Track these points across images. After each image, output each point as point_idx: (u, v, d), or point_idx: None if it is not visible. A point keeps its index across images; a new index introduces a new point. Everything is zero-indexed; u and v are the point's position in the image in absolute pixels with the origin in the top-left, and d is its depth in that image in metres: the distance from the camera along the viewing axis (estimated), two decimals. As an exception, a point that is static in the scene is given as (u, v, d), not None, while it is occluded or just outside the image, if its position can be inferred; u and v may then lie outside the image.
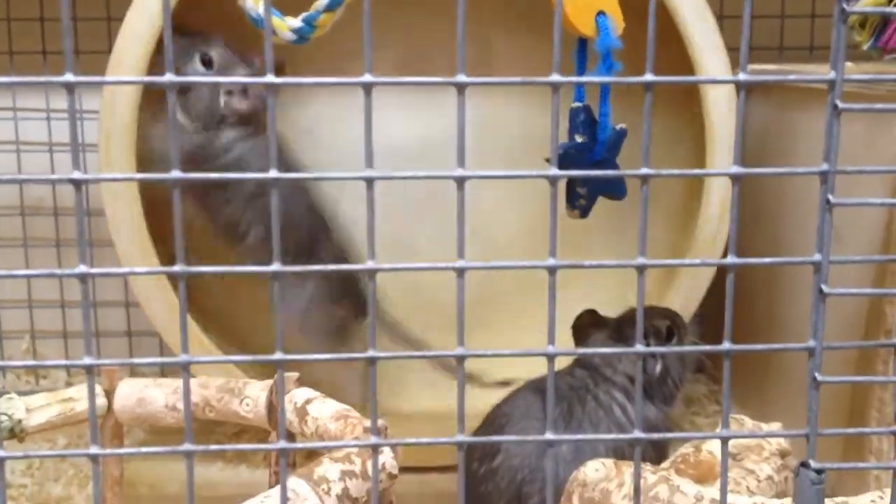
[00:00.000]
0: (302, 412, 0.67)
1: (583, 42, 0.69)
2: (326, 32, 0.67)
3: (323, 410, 0.65)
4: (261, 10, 0.66)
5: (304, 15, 0.66)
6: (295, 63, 0.87)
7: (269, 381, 0.71)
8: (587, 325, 0.81)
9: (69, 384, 1.12)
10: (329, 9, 0.66)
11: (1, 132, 1.12)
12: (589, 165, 0.70)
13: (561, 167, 0.62)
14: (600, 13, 0.67)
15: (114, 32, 0.88)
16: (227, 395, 0.70)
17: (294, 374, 0.70)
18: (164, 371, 1.10)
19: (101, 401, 0.71)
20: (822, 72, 0.88)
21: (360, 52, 0.37)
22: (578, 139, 0.66)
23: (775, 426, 0.68)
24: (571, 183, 0.68)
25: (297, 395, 0.68)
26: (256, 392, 0.70)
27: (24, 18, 1.10)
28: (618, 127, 0.66)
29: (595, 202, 0.68)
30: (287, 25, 0.66)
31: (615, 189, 0.67)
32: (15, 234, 1.14)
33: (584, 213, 0.68)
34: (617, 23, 0.67)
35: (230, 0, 0.70)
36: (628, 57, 0.71)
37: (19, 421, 0.67)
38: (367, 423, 0.61)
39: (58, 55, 1.11)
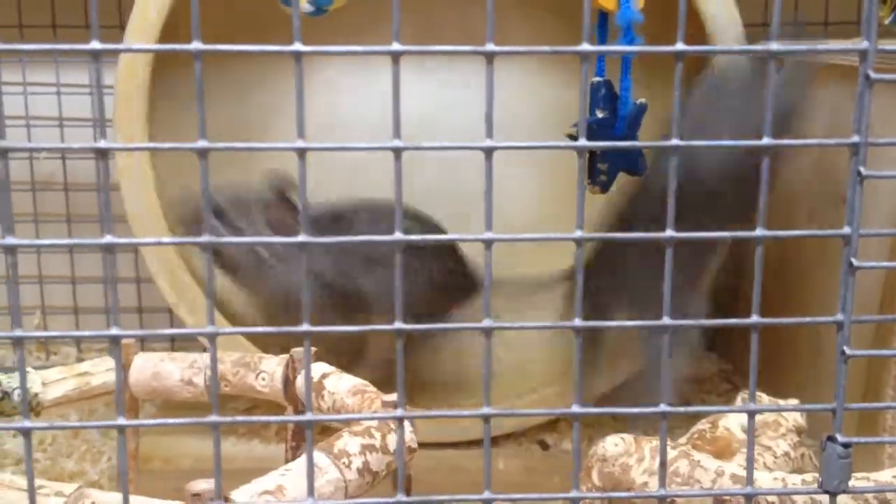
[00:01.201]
0: (319, 387, 0.67)
1: (603, 16, 0.68)
2: (343, 5, 0.66)
3: (340, 385, 0.65)
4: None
5: (321, -12, 0.66)
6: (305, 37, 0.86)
7: (285, 356, 0.71)
8: None
9: (80, 360, 1.12)
10: (345, -17, 0.65)
11: (12, 107, 1.11)
12: (610, 140, 0.70)
13: (591, 135, 0.62)
14: (621, -14, 0.67)
15: (125, 9, 0.88)
16: (243, 370, 0.70)
17: (311, 349, 0.70)
18: (175, 347, 1.10)
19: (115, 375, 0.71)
20: (839, 46, 0.87)
21: (370, 28, 0.37)
22: (599, 114, 0.66)
23: (793, 402, 0.68)
24: (592, 158, 0.68)
25: (314, 370, 0.68)
26: (272, 366, 0.70)
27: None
28: (638, 101, 0.66)
29: (615, 177, 0.68)
30: (305, -2, 0.66)
31: (634, 164, 0.67)
32: (26, 210, 1.14)
33: (605, 188, 0.68)
34: (637, -1, 0.67)
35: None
36: (646, 31, 0.71)
37: (35, 395, 0.67)
38: (385, 397, 0.61)
39: (68, 28, 1.10)
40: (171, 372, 0.71)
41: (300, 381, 0.69)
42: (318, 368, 0.68)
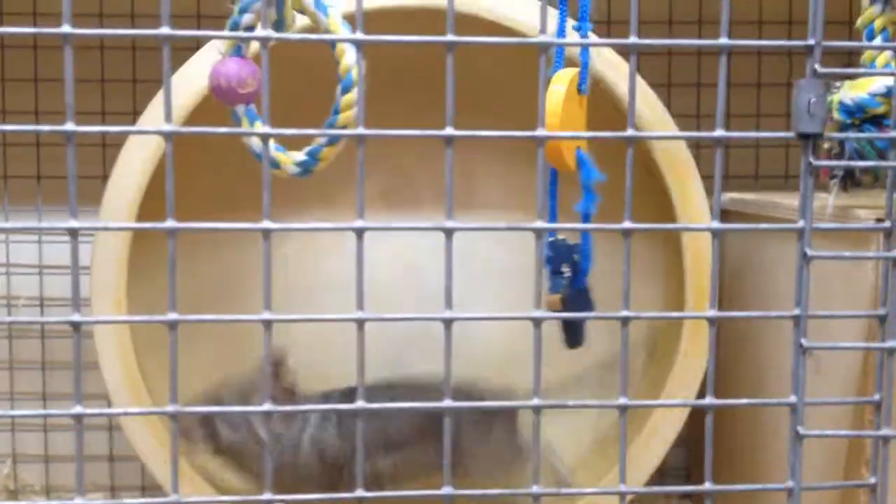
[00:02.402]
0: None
1: (553, 173, 0.72)
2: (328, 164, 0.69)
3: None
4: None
5: (307, 149, 0.69)
6: (286, 187, 0.89)
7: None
8: None
9: (48, 509, 1.11)
10: (332, 142, 0.68)
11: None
12: (574, 293, 0.72)
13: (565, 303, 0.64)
14: (579, 148, 0.70)
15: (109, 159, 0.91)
16: (212, 526, 0.70)
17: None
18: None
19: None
20: (795, 205, 0.91)
21: (351, 174, 0.39)
22: (564, 271, 0.68)
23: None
24: (568, 324, 0.70)
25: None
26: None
27: (19, 144, 1.12)
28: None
29: (584, 329, 0.70)
30: (291, 159, 0.69)
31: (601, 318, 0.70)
32: (1, 357, 1.14)
33: (580, 343, 0.71)
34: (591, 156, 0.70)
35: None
36: (606, 187, 0.74)
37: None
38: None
39: (51, 179, 1.13)
40: (139, 528, 0.70)
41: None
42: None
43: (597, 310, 0.68)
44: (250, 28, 0.66)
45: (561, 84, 0.78)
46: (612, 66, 0.86)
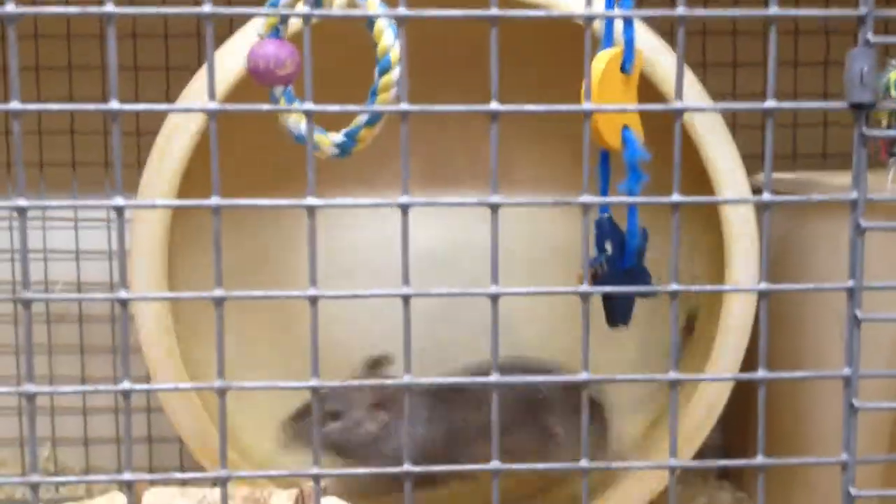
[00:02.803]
0: (328, 523, 0.67)
1: (605, 154, 0.71)
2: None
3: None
4: (303, 128, 0.69)
5: (345, 130, 0.69)
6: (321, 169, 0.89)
7: (295, 490, 0.71)
8: None
9: (88, 491, 1.12)
10: (370, 123, 0.68)
11: (30, 240, 1.14)
12: (620, 274, 0.71)
13: (599, 282, 0.64)
14: (625, 127, 0.69)
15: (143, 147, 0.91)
16: (253, 506, 0.70)
17: (321, 484, 0.70)
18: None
19: (126, 511, 0.71)
20: (836, 182, 0.90)
21: (388, 156, 0.39)
22: (608, 250, 0.68)
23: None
24: (608, 300, 0.70)
25: (325, 505, 0.68)
26: (283, 501, 0.70)
27: (55, 132, 1.13)
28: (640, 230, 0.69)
29: (632, 309, 0.69)
30: (329, 140, 0.69)
31: (649, 293, 0.69)
32: (40, 340, 1.15)
33: (626, 321, 0.70)
34: (640, 136, 0.69)
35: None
36: (650, 166, 0.73)
37: (46, 532, 0.67)
38: (395, 534, 0.61)
39: (87, 166, 1.14)
40: (182, 508, 0.71)
41: (310, 517, 0.69)
42: (330, 503, 0.68)
43: (650, 293, 0.67)
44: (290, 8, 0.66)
45: (600, 62, 0.77)
46: (653, 49, 0.86)
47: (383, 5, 0.67)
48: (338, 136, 0.70)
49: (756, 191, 0.97)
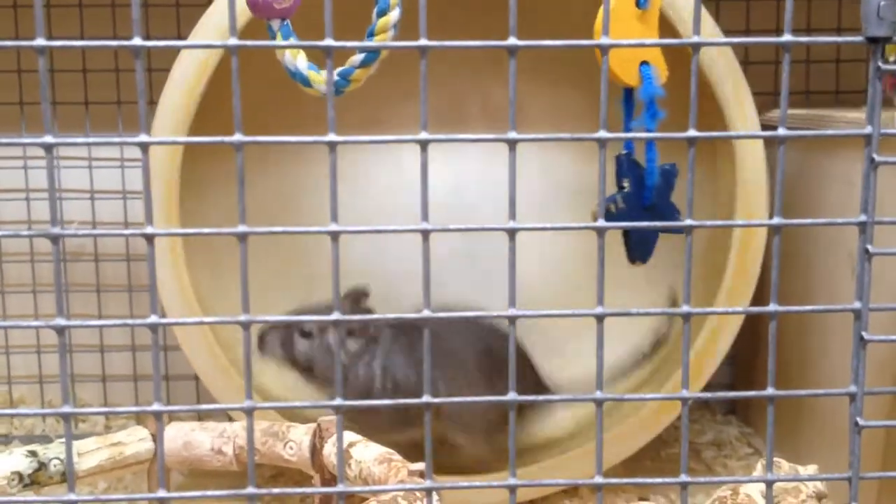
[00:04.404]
0: (345, 455, 0.68)
1: (628, 91, 0.71)
2: (360, 85, 0.69)
3: (366, 453, 0.66)
4: (299, 64, 0.69)
5: (339, 69, 0.69)
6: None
7: (313, 425, 0.72)
8: None
9: (107, 427, 1.14)
10: (364, 64, 0.68)
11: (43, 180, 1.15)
12: (640, 211, 0.72)
13: (612, 218, 0.64)
14: (643, 63, 0.69)
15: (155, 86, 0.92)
16: (272, 439, 0.72)
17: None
18: (201, 415, 1.11)
19: (147, 445, 0.73)
20: (849, 117, 0.90)
21: (395, 99, 0.40)
22: (626, 187, 0.68)
23: (812, 468, 0.69)
24: (627, 235, 0.70)
25: (341, 439, 0.70)
26: (300, 436, 0.72)
27: (67, 70, 1.13)
28: (667, 166, 0.69)
29: (654, 246, 0.70)
30: (322, 78, 0.69)
31: (673, 229, 0.69)
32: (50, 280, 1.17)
33: (645, 258, 0.70)
34: (661, 71, 0.69)
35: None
36: (667, 103, 0.74)
37: (70, 464, 0.68)
38: (411, 466, 0.63)
39: (99, 105, 1.14)
40: (202, 441, 0.72)
41: (327, 449, 0.70)
42: (345, 437, 0.70)
43: (674, 236, 0.67)
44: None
45: (614, -1, 0.77)
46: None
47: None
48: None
49: (767, 128, 0.97)
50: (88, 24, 1.12)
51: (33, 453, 0.68)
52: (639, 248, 0.70)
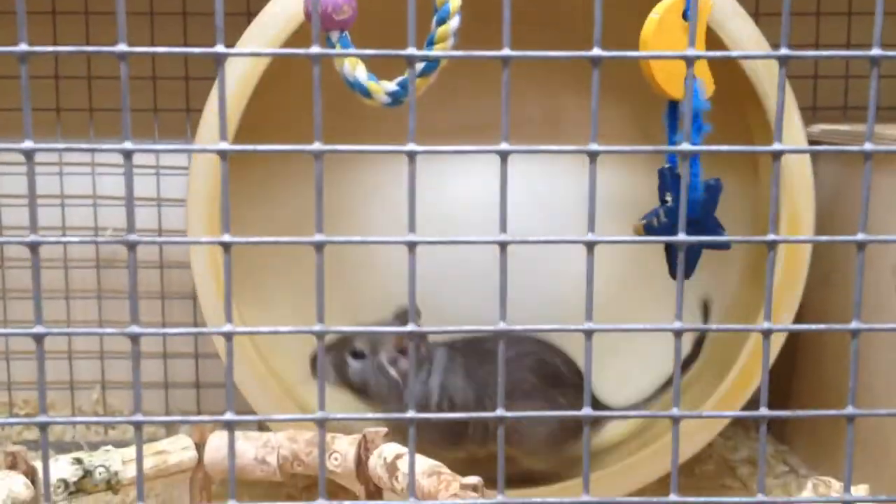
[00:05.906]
0: (392, 468, 0.68)
1: (673, 104, 0.70)
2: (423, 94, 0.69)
3: (414, 466, 0.66)
4: (358, 75, 0.69)
5: (398, 79, 0.69)
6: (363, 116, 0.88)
7: (358, 436, 0.72)
8: None
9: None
10: (424, 74, 0.68)
11: (82, 186, 1.15)
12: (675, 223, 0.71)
13: (654, 232, 0.64)
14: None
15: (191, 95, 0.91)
16: (317, 450, 0.71)
17: (383, 430, 0.71)
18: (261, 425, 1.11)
19: (191, 454, 0.73)
20: (888, 133, 0.89)
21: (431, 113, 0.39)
22: (668, 200, 0.68)
23: (863, 489, 0.68)
24: (669, 249, 0.70)
25: (387, 450, 0.69)
26: (345, 446, 0.71)
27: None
28: (712, 181, 0.68)
29: (697, 261, 0.69)
30: (382, 89, 0.69)
31: (718, 244, 0.68)
32: (89, 287, 1.17)
33: (688, 274, 0.70)
34: (707, 84, 0.69)
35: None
36: (714, 117, 0.73)
37: (115, 473, 0.68)
38: (461, 479, 0.62)
39: (138, 112, 1.14)
40: (246, 451, 0.72)
41: (373, 461, 0.70)
42: (391, 449, 0.69)
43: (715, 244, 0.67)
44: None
45: (656, 12, 0.77)
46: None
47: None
48: (391, 86, 0.70)
49: (809, 142, 0.96)
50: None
51: (79, 461, 0.67)
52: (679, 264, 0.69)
